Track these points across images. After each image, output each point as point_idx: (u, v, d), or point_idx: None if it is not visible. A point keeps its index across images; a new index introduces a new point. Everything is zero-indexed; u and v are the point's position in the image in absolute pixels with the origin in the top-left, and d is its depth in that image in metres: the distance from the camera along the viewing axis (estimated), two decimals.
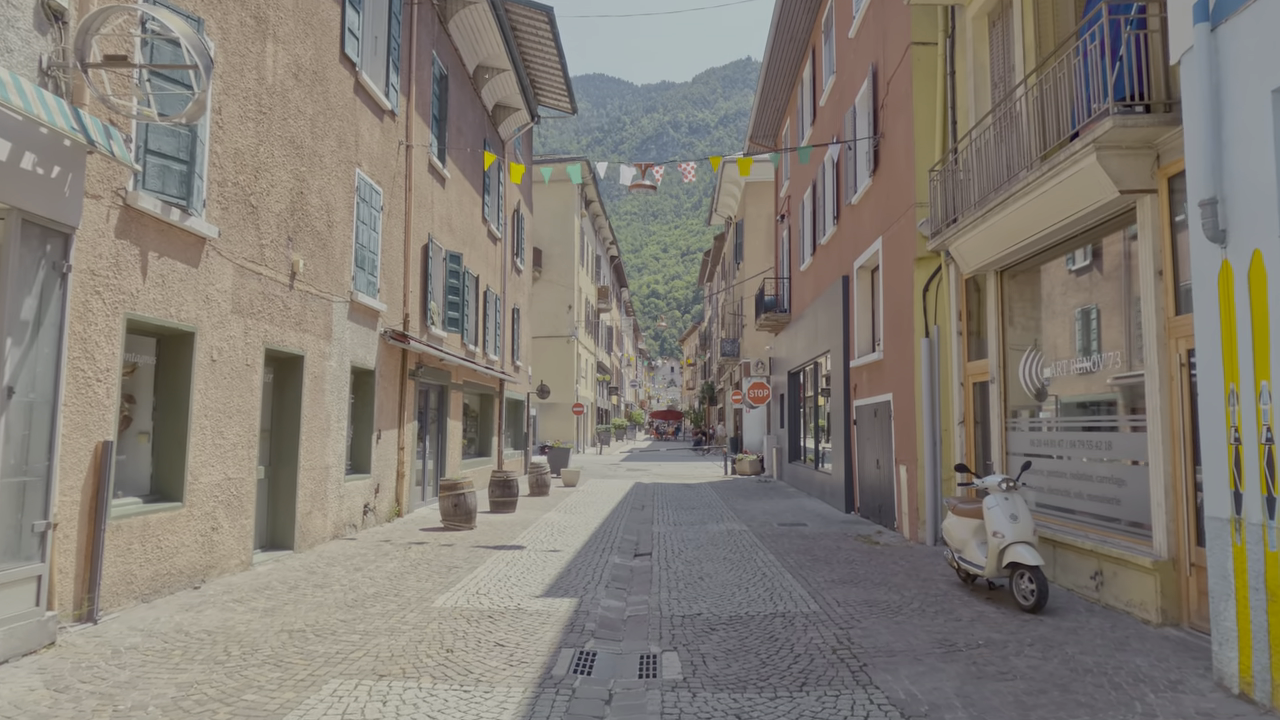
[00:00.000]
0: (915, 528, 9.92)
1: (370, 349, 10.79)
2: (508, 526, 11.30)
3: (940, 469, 9.69)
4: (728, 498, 16.17)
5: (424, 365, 12.90)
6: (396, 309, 11.86)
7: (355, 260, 10.18)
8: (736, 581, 7.56)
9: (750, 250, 33.13)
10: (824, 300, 15.35)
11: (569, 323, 34.79)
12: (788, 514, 13.19)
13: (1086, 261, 6.96)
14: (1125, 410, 6.37)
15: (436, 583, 7.30)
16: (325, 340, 9.30)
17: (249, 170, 7.53)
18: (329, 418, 9.44)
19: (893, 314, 11.00)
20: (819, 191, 16.25)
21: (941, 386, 9.78)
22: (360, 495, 10.46)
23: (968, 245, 8.38)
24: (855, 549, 9.44)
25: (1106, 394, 6.63)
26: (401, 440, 11.92)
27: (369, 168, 10.68)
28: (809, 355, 17.01)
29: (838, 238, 14.48)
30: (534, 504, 14.55)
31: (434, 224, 13.59)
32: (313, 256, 8.95)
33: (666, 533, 10.99)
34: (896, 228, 10.74)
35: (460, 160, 15.38)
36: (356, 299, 10.11)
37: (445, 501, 10.86)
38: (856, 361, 12.80)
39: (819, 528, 11.43)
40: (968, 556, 6.84)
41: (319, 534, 9.19)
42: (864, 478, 12.55)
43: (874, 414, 11.92)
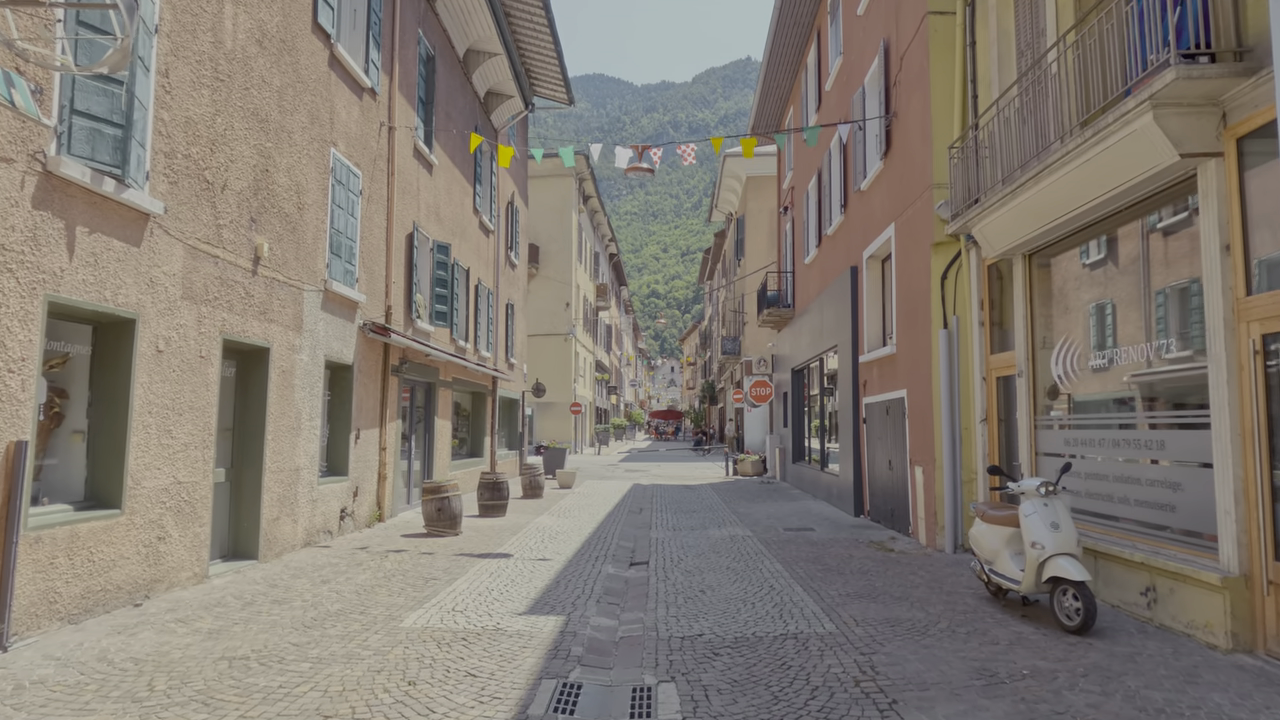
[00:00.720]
0: (933, 534, 9.21)
1: (348, 342, 10.08)
2: (496, 532, 10.59)
3: (960, 470, 8.98)
4: (729, 500, 15.46)
5: (409, 361, 12.19)
6: (378, 300, 11.15)
7: (330, 246, 9.47)
8: (742, 595, 6.85)
9: (752, 246, 32.45)
10: (830, 294, 14.64)
11: (566, 320, 34.08)
12: (793, 518, 12.48)
13: (1133, 239, 6.25)
14: (1182, 405, 5.66)
15: (409, 597, 6.59)
16: (295, 332, 8.59)
17: (203, 142, 6.82)
18: (300, 416, 8.73)
19: (907, 305, 10.29)
20: (824, 180, 15.54)
21: (961, 381, 9.08)
22: (336, 499, 9.75)
23: (993, 226, 7.67)
24: (868, 557, 8.73)
25: (1158, 387, 5.92)
26: (383, 440, 11.21)
27: (346, 148, 9.98)
28: (814, 351, 16.30)
29: (845, 227, 13.77)
30: (526, 507, 13.85)
31: (420, 212, 12.88)
32: (280, 240, 8.24)
33: (665, 539, 10.28)
34: (911, 212, 10.03)
35: (450, 147, 14.67)
36: (331, 288, 9.40)
37: (428, 505, 10.15)
38: (866, 356, 12.09)
39: (827, 533, 10.72)
40: (1000, 569, 6.13)
41: (288, 542, 8.48)
42: (874, 479, 11.84)
43: (885, 412, 11.21)
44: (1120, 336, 6.35)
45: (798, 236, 18.91)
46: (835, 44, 14.86)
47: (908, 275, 10.25)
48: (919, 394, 9.76)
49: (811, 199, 17.01)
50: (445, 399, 14.52)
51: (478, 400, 17.81)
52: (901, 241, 10.49)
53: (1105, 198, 6.00)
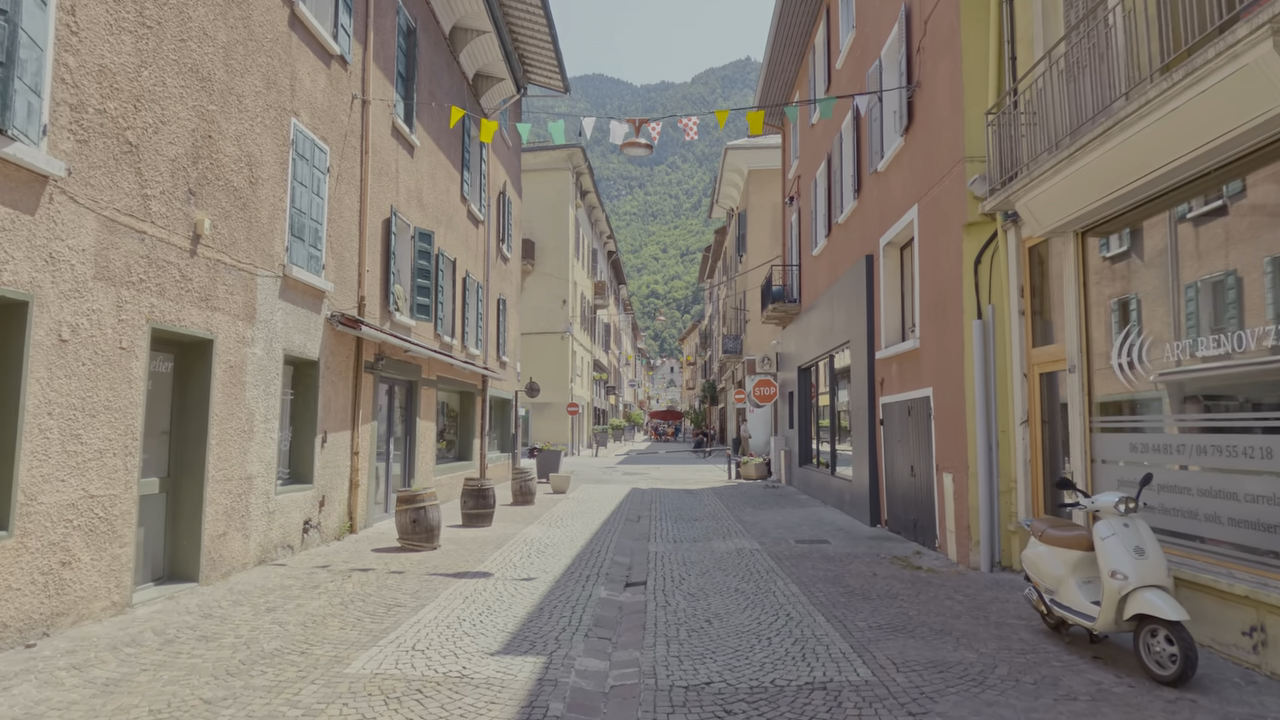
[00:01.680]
0: (965, 549, 8.22)
1: (312, 335, 9.08)
2: (478, 545, 9.59)
3: (997, 478, 7.99)
4: (734, 506, 14.47)
5: (386, 357, 11.19)
6: (349, 290, 10.15)
7: (291, 228, 8.48)
8: (755, 627, 5.85)
9: (754, 242, 31.47)
10: (841, 286, 13.65)
11: (563, 318, 33.08)
12: (804, 527, 11.48)
13: (1226, 206, 5.26)
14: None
15: (365, 631, 5.60)
16: (246, 322, 7.59)
17: (124, 97, 5.82)
18: (252, 417, 7.73)
19: (933, 294, 9.30)
20: (835, 165, 14.55)
21: (998, 378, 8.08)
22: (299, 510, 8.75)
23: (1042, 200, 6.67)
24: (895, 576, 7.73)
25: (1262, 383, 4.93)
26: (356, 444, 10.21)
27: (310, 120, 8.98)
28: (823, 348, 15.31)
29: (859, 214, 12.79)
30: (516, 515, 12.85)
31: (399, 196, 11.89)
32: (227, 218, 7.24)
33: (665, 553, 9.29)
34: (938, 190, 9.04)
35: (434, 129, 13.68)
36: (291, 274, 8.41)
37: (403, 516, 9.15)
38: (884, 352, 11.10)
39: (843, 546, 9.73)
40: (1065, 600, 5.14)
41: (237, 560, 7.48)
42: (894, 486, 10.85)
43: (907, 412, 10.22)
44: (1208, 323, 5.36)
45: (804, 228, 17.92)
46: (847, 18, 13.88)
47: (933, 261, 9.26)
48: (948, 392, 8.77)
49: (820, 187, 16.02)
50: (429, 399, 13.52)
51: (466, 400, 16.81)
52: (926, 224, 9.50)
53: (1193, 155, 5.00)
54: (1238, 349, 5.05)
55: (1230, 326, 5.14)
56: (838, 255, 14.34)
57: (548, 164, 33.31)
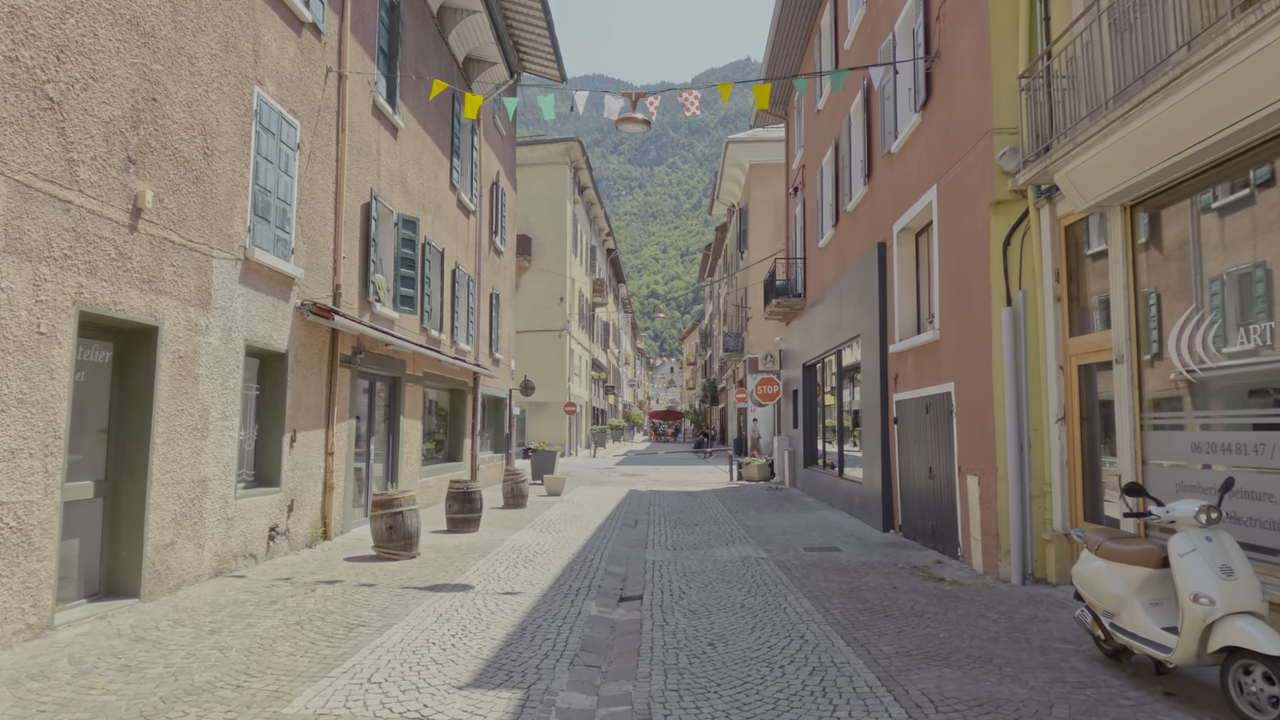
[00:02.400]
0: (993, 559, 7.48)
1: (279, 325, 8.34)
2: (461, 553, 8.85)
3: (1030, 481, 7.25)
4: (736, 510, 13.73)
5: (365, 351, 10.45)
6: (322, 278, 9.41)
7: (254, 207, 7.74)
8: (765, 652, 5.12)
9: (756, 238, 30.76)
10: (850, 278, 12.92)
11: (560, 316, 32.35)
12: (812, 533, 10.74)
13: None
14: None
15: (317, 658, 4.86)
16: (199, 308, 6.86)
17: (43, 45, 5.09)
18: (207, 414, 7.00)
19: (955, 281, 8.56)
20: (843, 151, 13.83)
21: (1030, 371, 7.35)
22: (263, 516, 8.01)
23: (1088, 169, 5.94)
24: (917, 590, 6.99)
25: None
26: (330, 443, 9.47)
27: (277, 90, 8.25)
28: (830, 344, 14.58)
29: (869, 200, 12.05)
30: (506, 519, 12.11)
31: (380, 179, 11.15)
32: (176, 191, 6.51)
33: (664, 561, 8.55)
34: (961, 168, 8.31)
35: (420, 112, 12.95)
36: (254, 258, 7.67)
37: (378, 522, 8.42)
38: (897, 346, 10.37)
39: (856, 554, 8.99)
40: (1129, 625, 4.40)
41: (189, 571, 6.74)
42: (909, 489, 10.11)
43: (925, 410, 9.49)
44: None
45: (809, 218, 17.19)
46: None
47: (956, 245, 8.53)
48: (972, 388, 8.03)
49: (827, 174, 15.29)
50: (414, 396, 12.78)
51: (456, 399, 16.07)
52: (947, 206, 8.77)
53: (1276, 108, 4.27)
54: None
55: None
56: (846, 245, 13.61)
57: (545, 158, 32.59)
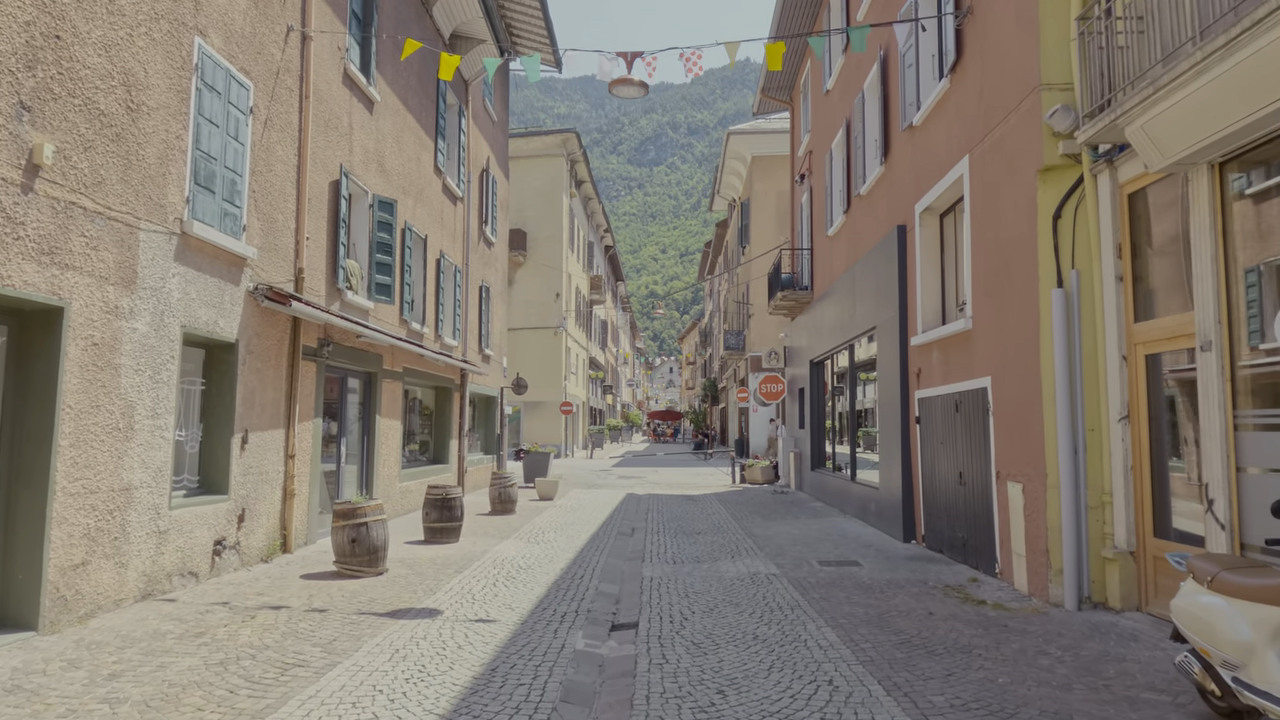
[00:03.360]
0: (1041, 578, 6.50)
1: (227, 312, 7.37)
2: (435, 568, 7.87)
3: (1086, 490, 6.28)
4: (741, 516, 12.76)
5: (333, 342, 9.47)
6: (282, 260, 8.44)
7: (194, 174, 6.77)
8: (788, 706, 4.14)
9: (758, 232, 29.84)
10: (865, 266, 11.96)
11: (556, 313, 31.37)
12: (826, 544, 9.77)
13: None
14: None
15: (231, 713, 3.89)
16: (121, 287, 5.88)
17: None
18: (131, 411, 6.02)
19: (992, 262, 7.60)
20: (855, 130, 12.87)
21: (1085, 363, 6.38)
22: (207, 528, 7.03)
23: (1170, 120, 4.97)
24: (956, 616, 6.02)
25: None
26: (291, 445, 8.49)
27: (224, 44, 7.27)
28: (840, 339, 13.61)
29: (886, 181, 11.09)
30: (491, 527, 11.13)
31: (352, 155, 10.18)
32: (89, 150, 5.54)
33: (663, 578, 7.58)
34: (1001, 132, 7.34)
35: (400, 86, 11.98)
36: (194, 233, 6.70)
37: (339, 535, 7.44)
38: (920, 338, 9.40)
39: (879, 569, 8.02)
40: (1261, 680, 3.43)
41: (107, 596, 5.77)
42: (934, 496, 9.15)
43: (954, 408, 8.52)
44: None
45: (817, 206, 16.22)
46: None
47: (992, 222, 7.56)
48: (1014, 382, 7.06)
49: (837, 158, 14.33)
50: (393, 393, 11.80)
51: (442, 397, 15.09)
52: (981, 178, 7.80)
53: None
54: None
55: None
56: (859, 232, 12.65)
57: (541, 150, 31.63)
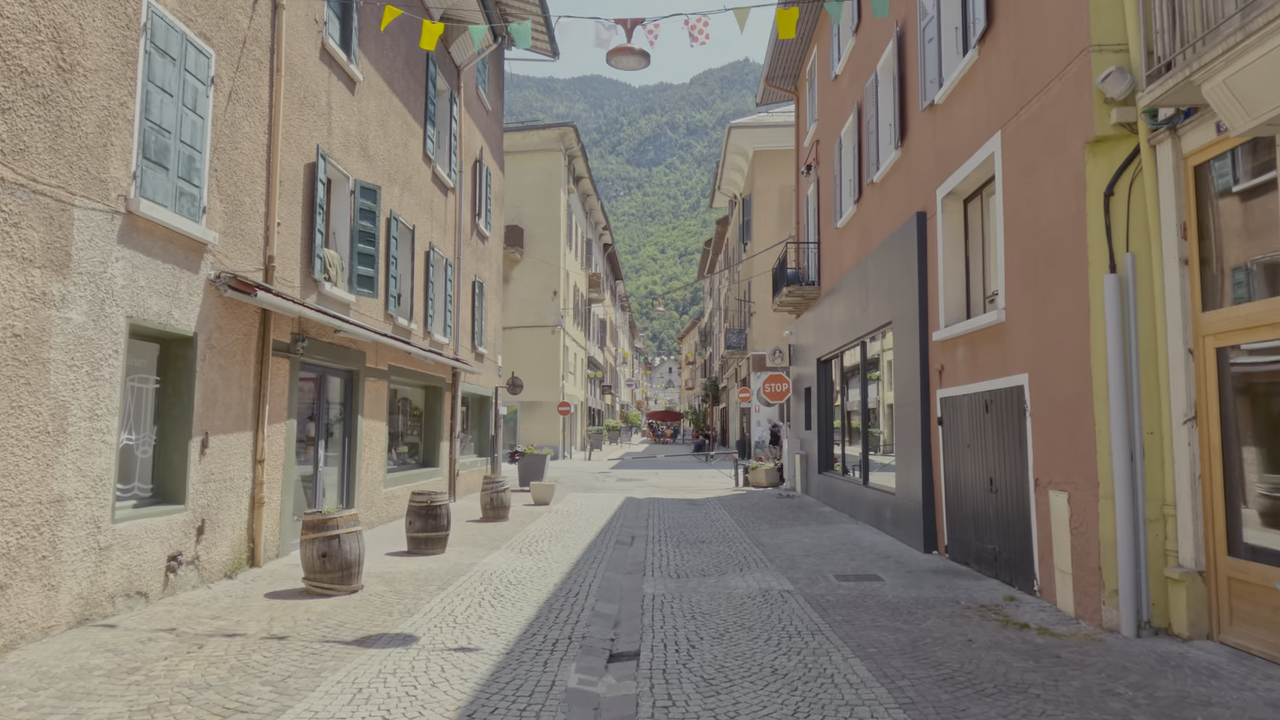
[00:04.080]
0: (1091, 599, 5.80)
1: (184, 302, 6.66)
2: (416, 585, 7.16)
3: (1144, 499, 5.58)
4: (747, 523, 12.05)
5: (309, 337, 8.76)
6: (249, 247, 7.73)
7: (142, 148, 6.06)
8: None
9: (760, 228, 29.18)
10: (878, 258, 11.26)
11: (554, 311, 30.66)
12: (840, 554, 9.06)
13: None
14: None
15: None
16: (50, 272, 5.17)
17: None
18: (64, 412, 5.31)
19: (1030, 247, 6.89)
20: (867, 115, 12.17)
21: (1142, 357, 5.68)
22: (160, 542, 6.32)
23: (1262, 72, 4.27)
24: (1000, 644, 5.32)
25: None
26: (260, 449, 7.78)
27: (180, 5, 6.56)
28: (850, 336, 12.91)
29: (903, 167, 10.39)
30: (481, 536, 10.41)
31: (331, 137, 9.47)
32: (7, 112, 4.83)
33: (666, 596, 6.88)
34: (1041, 104, 6.64)
35: (386, 67, 11.28)
36: (142, 212, 5.99)
37: (309, 549, 6.72)
38: (943, 333, 8.70)
39: (902, 585, 7.32)
40: None
41: (34, 623, 5.06)
42: (958, 503, 8.44)
43: (983, 408, 7.82)
44: None
45: (825, 198, 15.52)
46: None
47: (1029, 203, 6.86)
48: (1057, 379, 6.36)
49: (847, 146, 13.63)
50: (377, 393, 11.09)
51: (432, 397, 14.37)
52: (1016, 155, 7.10)
53: None
54: None
55: None
56: (871, 222, 11.95)
57: (537, 145, 30.93)
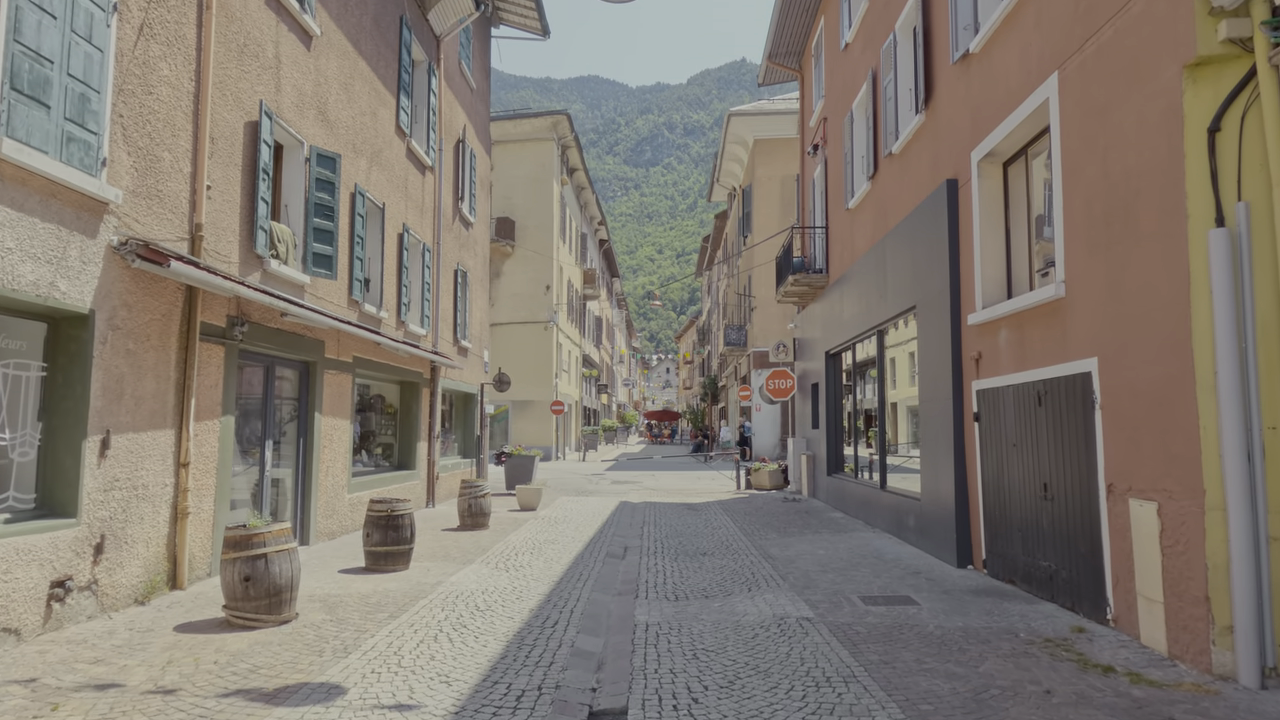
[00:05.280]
0: (1195, 636, 4.63)
1: (77, 272, 5.48)
2: (364, 612, 5.98)
3: (1266, 512, 4.42)
4: (752, 530, 10.89)
5: (249, 321, 7.59)
6: (170, 211, 6.55)
7: (10, 75, 4.88)
8: None
9: (761, 220, 28.06)
10: (898, 236, 10.12)
11: (547, 306, 29.48)
12: (862, 569, 7.90)
13: None
14: None
15: None
16: None
17: None
18: None
19: (1099, 204, 5.73)
20: (884, 80, 11.03)
21: (1260, 332, 4.52)
22: (39, 564, 5.14)
23: None
24: (1087, 697, 4.15)
25: None
26: (184, 450, 6.60)
27: None
28: (864, 325, 11.76)
29: (929, 131, 9.24)
30: (455, 547, 9.24)
31: (280, 95, 8.30)
32: None
33: (662, 626, 5.71)
34: (1113, 31, 5.47)
35: (350, 25, 10.10)
36: (8, 155, 4.81)
37: (229, 571, 5.55)
38: (981, 315, 7.55)
39: (942, 611, 6.15)
40: None
41: None
42: (1000, 511, 7.29)
43: (1035, 400, 6.66)
44: None
45: (834, 178, 14.37)
46: None
47: (1100, 151, 5.70)
48: (1139, 361, 5.20)
49: (859, 119, 12.49)
50: (339, 387, 9.91)
51: (409, 393, 13.18)
52: (1079, 98, 5.94)
53: None
54: None
55: None
56: (889, 198, 10.80)
57: (529, 134, 29.75)
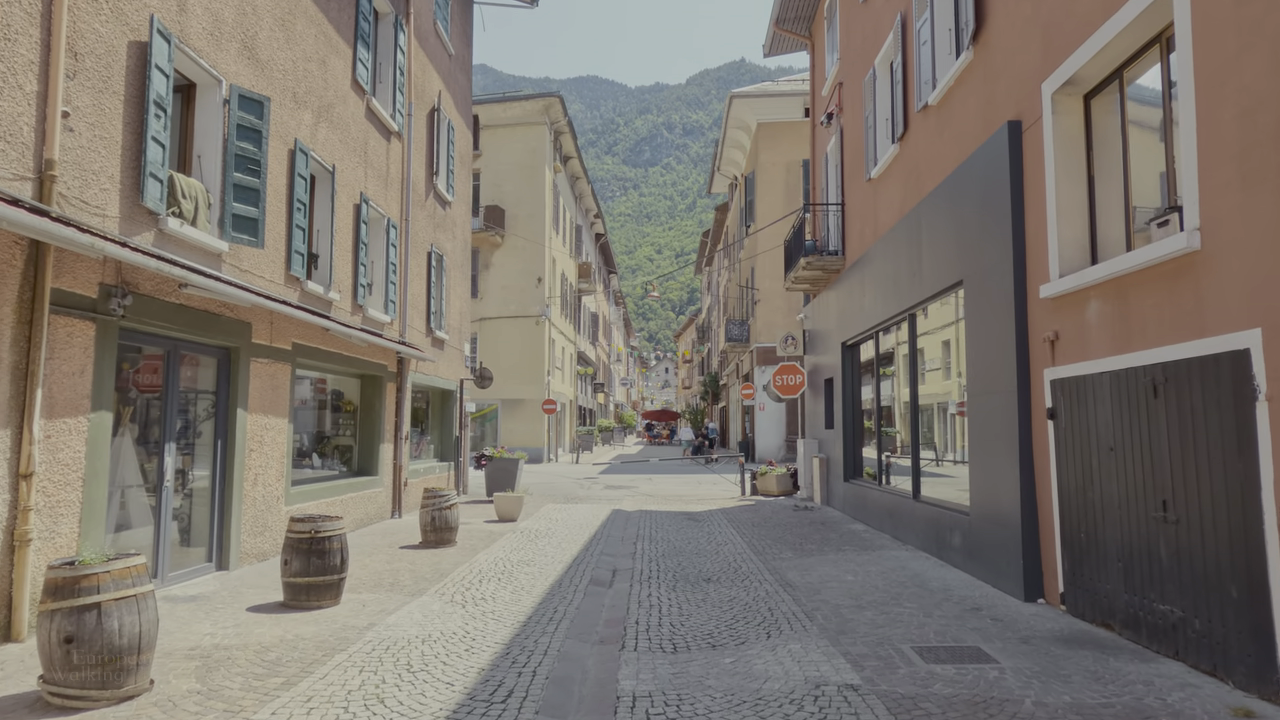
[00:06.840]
0: None
1: None
2: (252, 677, 4.39)
3: None
4: (763, 547, 9.30)
5: (133, 292, 5.99)
6: (4, 139, 4.97)
7: None
8: None
9: (765, 208, 26.51)
10: (937, 201, 8.55)
11: (539, 299, 27.88)
12: (907, 603, 6.31)
13: None
14: None
15: None
16: None
17: None
18: None
19: (1254, 123, 4.14)
20: (916, 23, 9.46)
21: None
22: None
23: None
24: None
25: None
26: (25, 459, 5.01)
27: None
28: (891, 309, 10.19)
29: (979, 69, 7.67)
30: (406, 572, 7.64)
31: (185, 16, 6.71)
32: None
33: (655, 695, 4.12)
34: None
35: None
36: None
37: (46, 630, 3.95)
38: (1058, 285, 5.98)
39: (1030, 672, 4.57)
40: None
41: None
42: (1090, 533, 5.70)
43: (1149, 390, 5.07)
44: None
45: (851, 148, 12.79)
46: None
47: (1269, 34, 4.12)
48: None
49: (881, 77, 10.91)
50: (272, 380, 8.32)
51: (370, 388, 11.58)
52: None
53: None
54: None
55: None
56: (923, 159, 9.22)
57: (520, 117, 28.18)
